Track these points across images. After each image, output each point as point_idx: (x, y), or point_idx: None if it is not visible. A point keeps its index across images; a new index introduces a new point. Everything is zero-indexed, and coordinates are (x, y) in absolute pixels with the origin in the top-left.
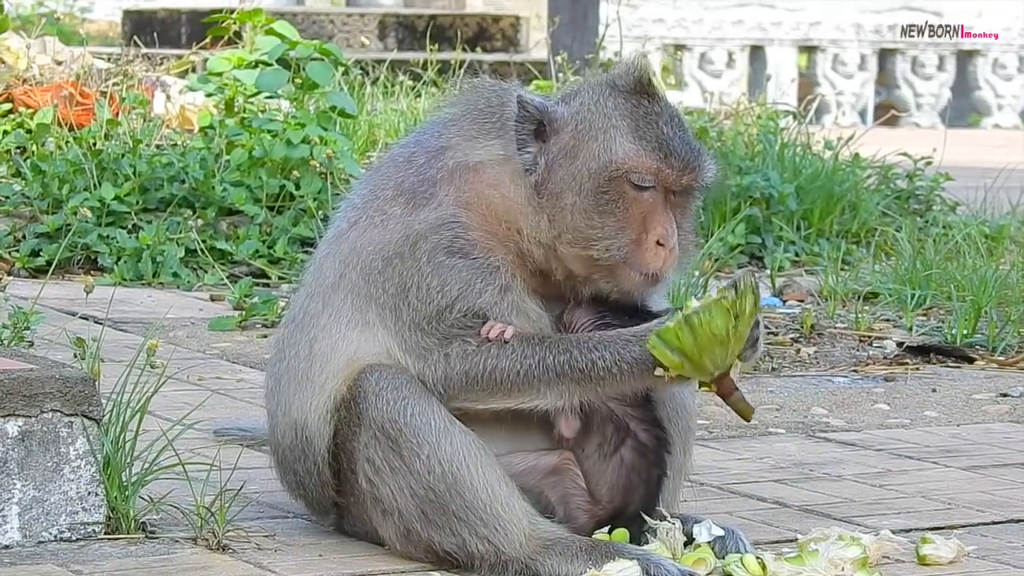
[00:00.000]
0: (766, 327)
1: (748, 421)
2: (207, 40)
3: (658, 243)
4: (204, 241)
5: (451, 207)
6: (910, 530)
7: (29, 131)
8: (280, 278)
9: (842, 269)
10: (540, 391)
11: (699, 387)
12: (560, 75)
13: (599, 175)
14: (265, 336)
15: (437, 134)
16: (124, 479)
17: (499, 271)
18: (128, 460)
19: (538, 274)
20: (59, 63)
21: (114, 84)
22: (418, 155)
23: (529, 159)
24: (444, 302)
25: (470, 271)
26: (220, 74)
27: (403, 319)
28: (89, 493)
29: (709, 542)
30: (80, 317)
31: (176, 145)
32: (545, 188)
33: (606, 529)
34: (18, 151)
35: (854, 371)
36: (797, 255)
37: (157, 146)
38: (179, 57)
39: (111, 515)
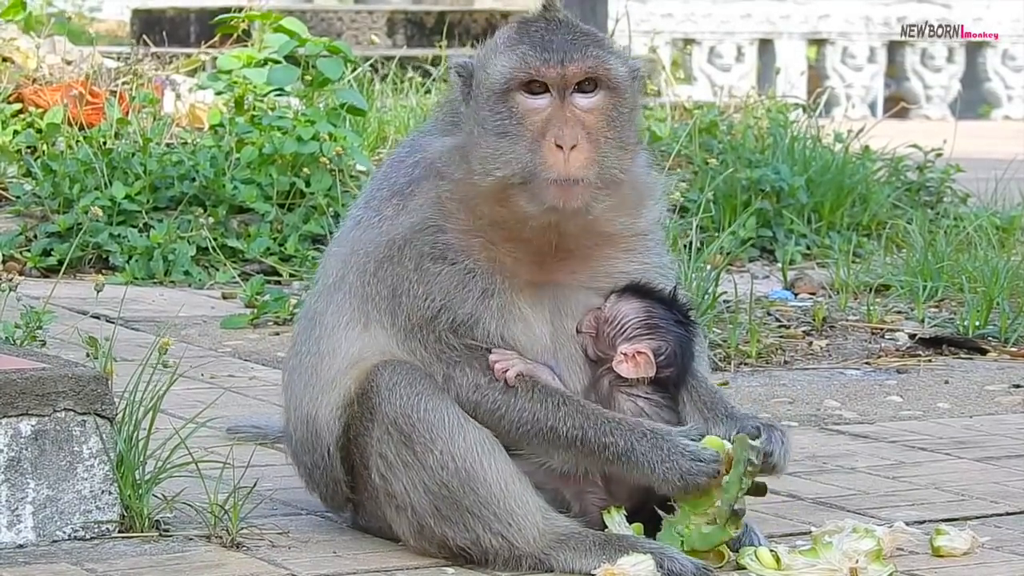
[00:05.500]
0: (777, 320)
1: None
2: (216, 38)
3: (557, 145)
4: (215, 239)
5: (427, 209)
6: (924, 522)
7: (39, 131)
8: (291, 275)
9: (853, 262)
10: (550, 455)
11: None
12: None
13: (489, 98)
14: (277, 334)
15: (428, 131)
16: (137, 477)
17: (475, 275)
18: (141, 458)
19: (532, 256)
20: (68, 63)
21: (124, 83)
22: (410, 154)
23: (462, 116)
24: (430, 313)
25: (449, 277)
26: (229, 72)
27: (398, 322)
28: (103, 492)
29: None
30: (92, 316)
31: (186, 143)
32: (468, 134)
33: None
34: (29, 151)
35: (866, 363)
36: (808, 248)
37: (167, 145)
38: (188, 56)
39: (125, 513)
